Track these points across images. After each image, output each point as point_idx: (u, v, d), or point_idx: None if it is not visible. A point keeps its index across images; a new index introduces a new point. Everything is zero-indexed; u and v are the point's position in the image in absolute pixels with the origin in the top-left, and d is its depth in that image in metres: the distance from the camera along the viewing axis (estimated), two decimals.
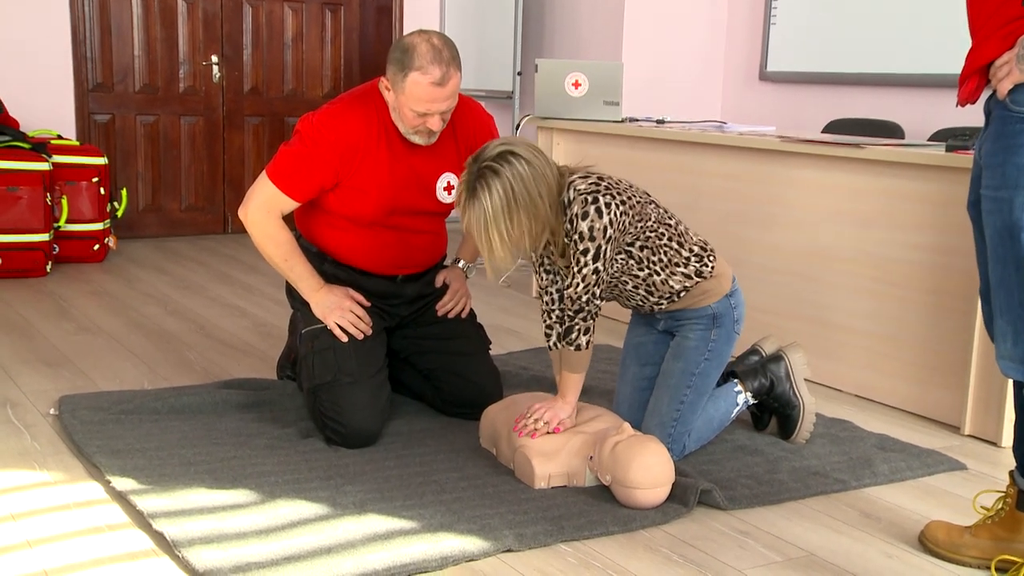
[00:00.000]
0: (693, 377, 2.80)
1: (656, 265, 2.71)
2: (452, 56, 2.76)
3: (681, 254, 2.74)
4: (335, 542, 2.25)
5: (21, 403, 3.18)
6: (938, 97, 5.02)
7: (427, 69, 2.71)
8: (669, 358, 2.85)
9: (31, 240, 5.04)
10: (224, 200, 6.58)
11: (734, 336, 2.85)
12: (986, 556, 2.29)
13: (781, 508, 2.60)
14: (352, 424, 2.82)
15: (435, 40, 2.75)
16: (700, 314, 2.80)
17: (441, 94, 2.75)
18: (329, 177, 2.87)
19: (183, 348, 3.89)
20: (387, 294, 3.06)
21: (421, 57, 2.71)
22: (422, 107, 2.76)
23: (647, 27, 6.01)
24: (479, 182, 2.49)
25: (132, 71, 6.20)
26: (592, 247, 2.57)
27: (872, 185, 3.48)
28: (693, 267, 2.76)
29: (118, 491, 2.50)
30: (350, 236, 2.99)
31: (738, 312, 2.84)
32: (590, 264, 2.59)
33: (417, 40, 2.75)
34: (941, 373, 3.31)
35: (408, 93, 2.75)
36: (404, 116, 2.81)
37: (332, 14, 6.79)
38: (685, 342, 2.82)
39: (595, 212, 2.55)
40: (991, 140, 2.05)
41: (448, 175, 3.00)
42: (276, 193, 2.87)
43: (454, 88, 2.78)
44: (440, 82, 2.73)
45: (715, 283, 2.80)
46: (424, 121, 2.80)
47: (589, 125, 4.58)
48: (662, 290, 2.75)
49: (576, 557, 2.29)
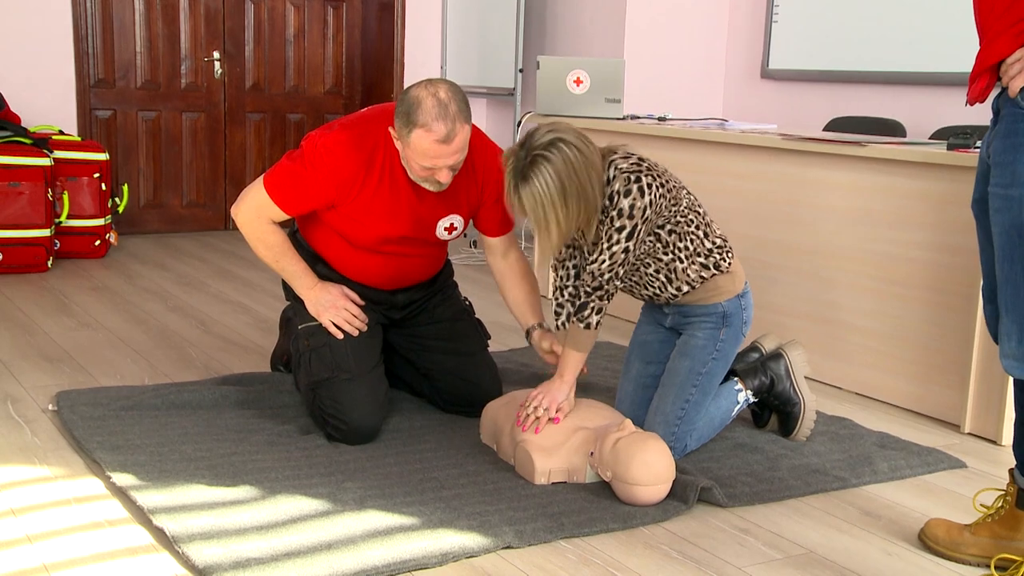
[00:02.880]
0: (700, 376, 2.79)
1: (681, 252, 2.72)
2: (459, 109, 2.64)
3: (704, 244, 2.76)
4: (335, 538, 2.25)
5: (22, 398, 3.19)
6: (940, 95, 5.01)
7: (431, 126, 2.61)
8: (676, 356, 2.85)
9: (32, 236, 5.04)
10: (225, 196, 6.58)
11: (741, 337, 2.85)
12: (986, 554, 2.29)
13: (781, 506, 2.60)
14: (353, 420, 2.82)
15: (441, 93, 2.63)
16: (710, 311, 2.80)
17: (447, 150, 2.65)
18: (323, 200, 2.84)
19: (184, 344, 3.89)
20: (378, 300, 3.06)
21: (426, 113, 2.61)
22: (428, 162, 2.68)
23: (649, 24, 6.00)
24: (533, 168, 2.47)
25: (134, 67, 6.20)
26: (629, 225, 2.58)
27: (874, 183, 3.47)
28: (713, 259, 2.77)
29: (118, 487, 2.51)
30: (344, 251, 2.98)
31: (747, 314, 2.85)
32: (622, 242, 2.59)
33: (423, 94, 2.63)
34: (942, 371, 3.31)
35: (414, 148, 2.66)
36: (412, 168, 2.75)
37: (334, 10, 6.79)
38: (693, 340, 2.82)
39: (638, 191, 2.57)
40: (1000, 138, 2.05)
41: (452, 218, 2.94)
42: (268, 202, 2.85)
43: (461, 143, 2.67)
44: (445, 139, 2.62)
45: (729, 280, 2.80)
46: (432, 173, 2.72)
47: (591, 122, 4.57)
48: (681, 278, 2.75)
49: (576, 554, 2.29)
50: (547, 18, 6.48)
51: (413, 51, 6.71)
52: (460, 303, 3.25)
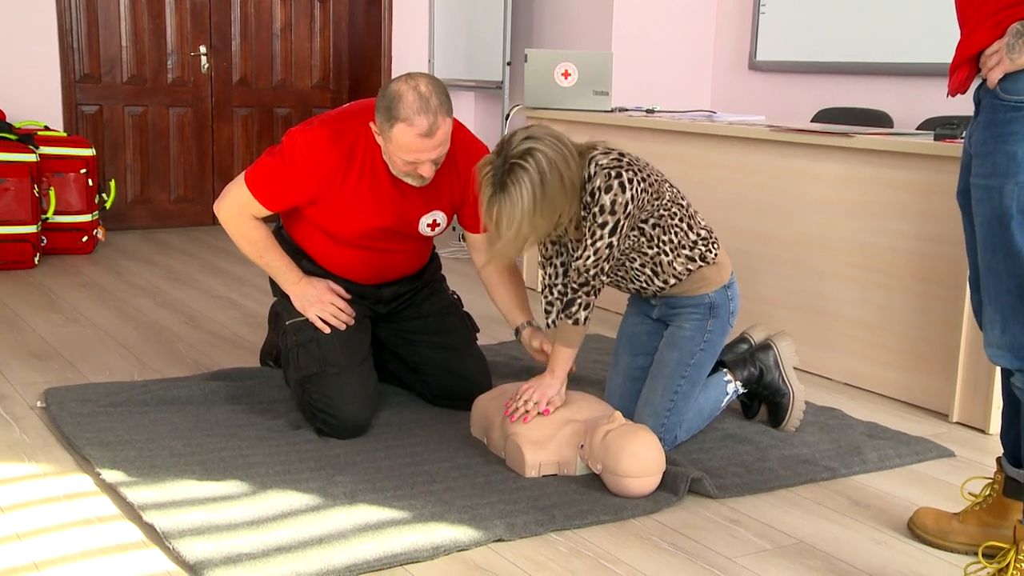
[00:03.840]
0: (688, 367, 2.80)
1: (666, 245, 2.73)
2: (440, 103, 2.63)
3: (689, 236, 2.76)
4: (326, 533, 2.25)
5: (10, 396, 3.17)
6: (926, 86, 5.03)
7: (413, 120, 2.60)
8: (664, 348, 2.85)
9: (19, 232, 5.02)
10: (213, 191, 6.55)
11: (728, 328, 2.86)
12: (974, 542, 2.30)
13: (771, 496, 2.61)
14: (343, 415, 2.82)
15: (422, 87, 2.62)
16: (697, 302, 2.81)
17: (429, 144, 2.65)
18: (304, 196, 2.84)
19: (173, 340, 3.88)
20: (363, 295, 3.06)
21: (407, 107, 2.60)
22: (410, 156, 2.68)
23: (636, 16, 6.00)
24: (509, 177, 2.46)
25: (120, 62, 6.17)
26: (612, 220, 2.58)
27: (861, 174, 3.48)
28: (699, 250, 2.77)
29: (108, 483, 2.50)
30: (327, 247, 2.98)
31: (734, 304, 2.85)
32: (605, 238, 2.60)
33: (404, 88, 2.62)
34: (929, 361, 3.32)
35: (396, 142, 2.66)
36: (394, 163, 2.74)
37: (321, 4, 6.77)
38: (680, 332, 2.83)
39: (618, 186, 2.57)
40: (981, 128, 2.06)
41: (435, 214, 2.94)
42: (250, 199, 2.85)
43: (443, 136, 2.67)
44: (427, 133, 2.62)
45: (715, 271, 2.81)
46: (415, 167, 2.72)
47: (579, 115, 4.57)
48: (667, 271, 2.76)
49: (567, 546, 2.29)
50: (535, 11, 6.48)
51: (401, 44, 6.69)
52: (448, 297, 3.24)
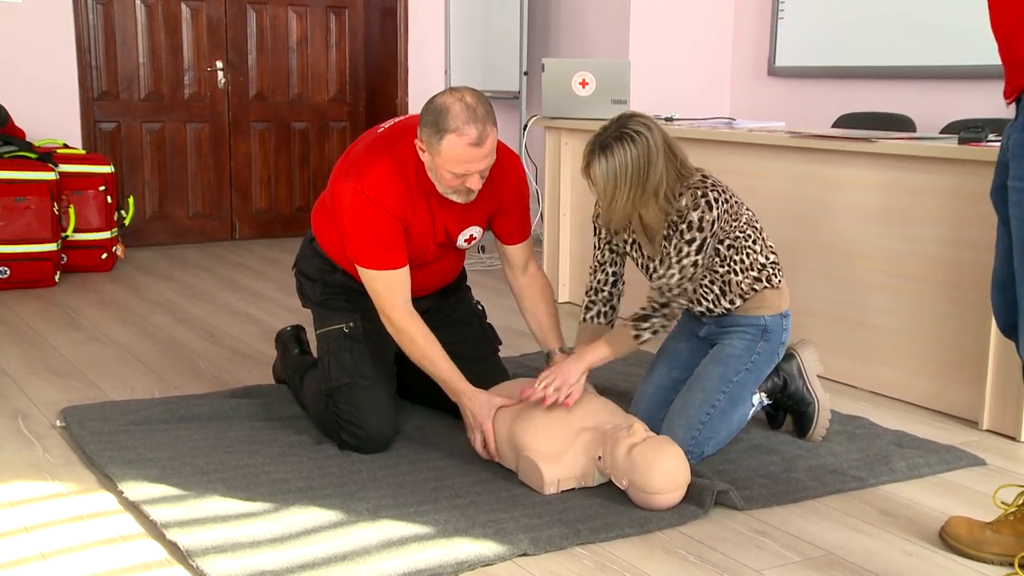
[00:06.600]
0: (730, 384, 2.78)
1: (736, 264, 2.76)
2: (486, 112, 2.63)
3: (759, 259, 2.79)
4: (350, 549, 2.23)
5: (32, 414, 3.17)
6: (949, 89, 4.98)
7: (463, 130, 2.58)
8: (708, 362, 2.83)
9: (39, 250, 5.04)
10: (231, 206, 6.57)
11: (776, 357, 2.86)
12: (1008, 552, 2.26)
13: (798, 507, 2.58)
14: (370, 427, 2.80)
15: (468, 98, 2.62)
16: (752, 322, 2.81)
17: (479, 153, 2.62)
18: (402, 232, 2.77)
19: (193, 356, 3.87)
20: None
21: (456, 118, 2.58)
22: (461, 168, 2.64)
23: (654, 24, 5.98)
24: (621, 141, 2.59)
25: (137, 79, 6.19)
26: (699, 237, 2.63)
27: (884, 179, 3.45)
28: (767, 273, 2.80)
29: (131, 501, 2.49)
30: None
31: (786, 335, 2.86)
32: (692, 255, 2.64)
33: (450, 100, 2.61)
34: (958, 368, 3.28)
35: (445, 155, 2.62)
36: (442, 177, 2.70)
37: (336, 17, 6.78)
38: (728, 348, 2.82)
39: (706, 205, 2.64)
40: (1019, 131, 2.03)
41: (472, 228, 2.92)
42: (382, 274, 2.76)
43: (491, 146, 2.65)
44: (477, 142, 2.60)
45: (776, 296, 2.83)
46: (463, 181, 2.69)
47: (597, 124, 4.54)
48: (734, 291, 2.78)
49: (592, 560, 2.26)
50: (551, 20, 6.47)
51: (417, 56, 6.69)
52: (472, 306, 3.23)
